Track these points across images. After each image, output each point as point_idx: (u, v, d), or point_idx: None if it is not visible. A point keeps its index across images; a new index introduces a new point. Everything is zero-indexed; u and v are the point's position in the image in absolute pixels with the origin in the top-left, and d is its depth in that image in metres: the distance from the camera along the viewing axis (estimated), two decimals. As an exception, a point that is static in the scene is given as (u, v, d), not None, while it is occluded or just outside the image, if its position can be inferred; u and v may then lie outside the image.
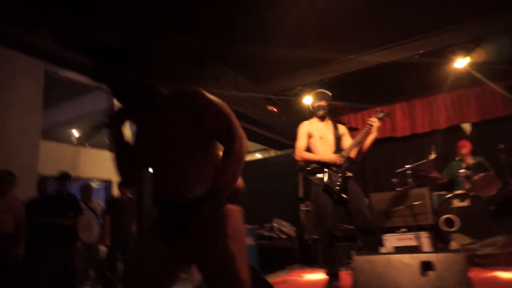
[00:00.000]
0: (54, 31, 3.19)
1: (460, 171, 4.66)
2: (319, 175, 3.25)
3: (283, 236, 5.71)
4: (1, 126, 5.64)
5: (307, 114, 3.64)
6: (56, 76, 7.21)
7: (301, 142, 3.37)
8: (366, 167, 6.11)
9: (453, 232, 4.26)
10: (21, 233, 4.13)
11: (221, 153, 1.45)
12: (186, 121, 1.37)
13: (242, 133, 1.43)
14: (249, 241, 5.17)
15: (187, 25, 3.65)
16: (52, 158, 6.23)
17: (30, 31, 3.14)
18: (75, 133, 9.53)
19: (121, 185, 4.95)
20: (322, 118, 3.44)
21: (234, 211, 1.41)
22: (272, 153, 9.25)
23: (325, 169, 3.24)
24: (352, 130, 3.76)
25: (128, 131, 1.56)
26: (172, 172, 1.38)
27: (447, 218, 4.34)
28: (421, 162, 4.66)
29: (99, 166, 7.43)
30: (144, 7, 3.35)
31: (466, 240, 4.11)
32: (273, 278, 4.14)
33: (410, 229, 4.35)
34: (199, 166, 1.39)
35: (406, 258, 2.39)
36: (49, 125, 7.59)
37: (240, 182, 1.47)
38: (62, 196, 4.53)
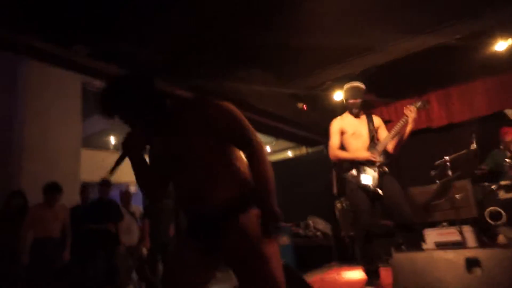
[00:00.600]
0: (91, 47, 3.35)
1: (505, 160, 4.40)
2: (353, 172, 3.18)
3: (318, 233, 5.66)
4: (45, 138, 5.97)
5: (338, 109, 3.55)
6: (92, 87, 7.53)
7: (334, 140, 3.28)
8: (402, 160, 5.91)
9: (500, 225, 4.03)
10: (68, 238, 4.37)
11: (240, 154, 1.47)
12: (200, 131, 1.38)
13: (256, 135, 1.43)
14: (285, 240, 5.16)
15: (214, 25, 3.67)
16: (92, 165, 6.52)
17: (68, 47, 3.32)
18: (112, 140, 9.94)
19: (151, 201, 5.09)
20: (357, 115, 3.33)
21: None
22: (304, 150, 9.18)
23: (359, 165, 3.17)
24: (386, 123, 3.62)
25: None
26: (193, 183, 1.41)
27: (493, 210, 4.11)
28: (461, 152, 4.43)
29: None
30: (173, 12, 3.39)
31: (514, 233, 3.88)
32: (310, 277, 4.11)
33: (452, 223, 4.16)
34: (220, 174, 1.39)
35: (450, 254, 2.28)
36: (88, 133, 7.94)
37: None
38: (104, 202, 4.74)
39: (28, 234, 4.17)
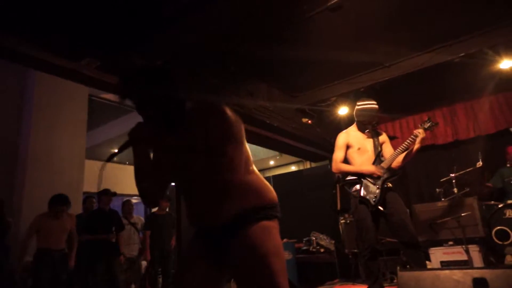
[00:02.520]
0: (99, 59, 3.37)
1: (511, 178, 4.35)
2: (357, 187, 3.15)
3: (321, 250, 5.58)
4: (50, 148, 5.99)
5: (343, 124, 3.55)
6: (97, 99, 7.60)
7: (338, 154, 3.27)
8: (407, 177, 5.87)
9: (508, 245, 3.95)
10: (74, 246, 4.37)
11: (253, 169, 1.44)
12: (204, 137, 1.32)
13: (230, 152, 1.35)
14: (287, 255, 5.09)
15: (220, 40, 3.69)
16: (95, 176, 6.51)
17: (76, 60, 3.35)
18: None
19: (145, 204, 5.06)
20: (367, 133, 3.32)
21: (272, 226, 1.37)
22: (308, 165, 9.15)
23: (362, 180, 3.14)
24: (391, 138, 3.60)
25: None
26: (199, 193, 1.38)
27: (500, 230, 4.03)
28: (467, 170, 4.39)
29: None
30: (181, 25, 3.43)
31: (522, 253, 3.79)
32: (313, 294, 4.03)
33: (457, 242, 4.09)
34: (225, 187, 1.34)
35: (457, 274, 2.23)
36: (92, 145, 7.96)
37: (273, 196, 1.45)
38: (104, 212, 4.71)
39: (29, 241, 4.15)
